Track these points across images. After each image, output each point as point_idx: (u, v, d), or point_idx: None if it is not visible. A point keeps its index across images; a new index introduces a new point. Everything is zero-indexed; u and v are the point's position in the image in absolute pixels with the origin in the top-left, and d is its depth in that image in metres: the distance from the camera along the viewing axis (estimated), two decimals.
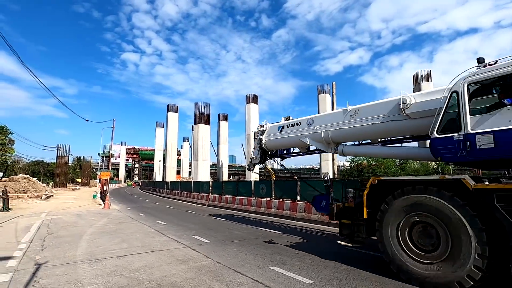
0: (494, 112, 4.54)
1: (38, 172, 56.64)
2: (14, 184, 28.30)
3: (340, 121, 7.91)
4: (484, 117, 4.63)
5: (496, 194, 4.10)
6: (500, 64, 4.64)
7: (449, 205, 4.46)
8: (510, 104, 4.41)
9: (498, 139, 4.40)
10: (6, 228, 10.74)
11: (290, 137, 9.45)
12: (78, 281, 4.89)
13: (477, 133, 4.61)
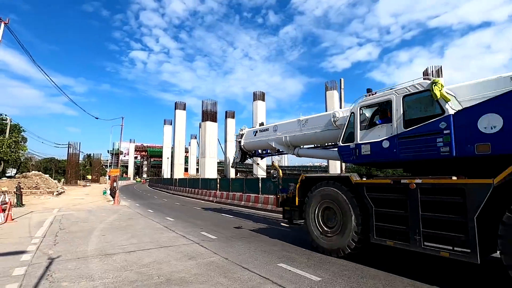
0: (371, 129, 6.32)
1: (50, 169, 57.84)
2: (27, 180, 29.00)
3: (295, 129, 9.65)
4: (366, 132, 6.40)
5: (366, 187, 5.93)
6: (377, 94, 6.47)
7: (342, 194, 6.37)
8: (380, 124, 6.16)
9: (372, 148, 6.18)
10: (20, 223, 11.04)
11: (261, 140, 11.15)
12: (89, 275, 4.99)
13: (362, 143, 6.39)
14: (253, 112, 44.10)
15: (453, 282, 4.85)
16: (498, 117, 4.46)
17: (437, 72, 31.17)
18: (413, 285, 4.64)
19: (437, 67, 31.49)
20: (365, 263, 5.81)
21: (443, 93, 5.21)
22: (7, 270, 5.25)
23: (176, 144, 51.87)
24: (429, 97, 5.43)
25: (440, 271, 5.38)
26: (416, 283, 4.69)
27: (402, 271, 5.28)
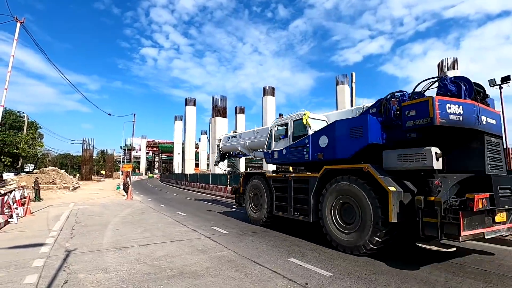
0: (278, 141, 9.29)
1: (65, 165, 59.66)
2: (44, 176, 29.96)
3: (251, 137, 12.14)
4: (276, 143, 9.37)
5: (272, 178, 9.11)
6: (283, 118, 9.34)
7: (261, 184, 9.58)
8: (282, 138, 9.08)
9: (278, 154, 9.07)
10: (39, 216, 11.44)
11: (232, 145, 13.55)
12: (104, 267, 5.14)
13: (274, 150, 9.29)
14: (263, 107, 43.97)
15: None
16: (326, 137, 7.36)
17: (453, 65, 30.19)
18: (427, 281, 4.57)
19: (453, 59, 30.50)
20: (378, 259, 5.75)
21: (308, 121, 8.07)
22: (27, 262, 5.47)
23: (186, 140, 52.39)
24: (302, 123, 8.20)
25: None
26: (429, 278, 4.62)
27: (414, 267, 5.21)
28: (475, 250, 6.55)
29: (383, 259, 5.69)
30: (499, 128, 6.32)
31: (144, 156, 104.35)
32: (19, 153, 32.07)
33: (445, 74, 29.00)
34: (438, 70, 31.71)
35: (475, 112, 5.66)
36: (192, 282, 4.45)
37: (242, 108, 50.99)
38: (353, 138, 6.63)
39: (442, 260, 5.70)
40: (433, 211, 4.90)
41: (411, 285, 4.41)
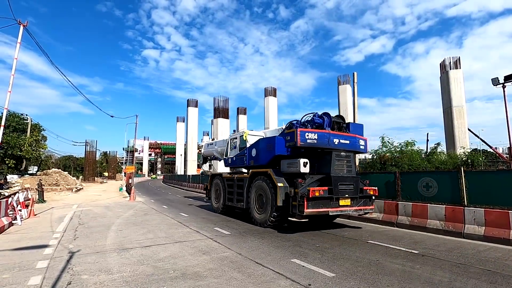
0: (231, 150, 12.33)
1: (68, 166, 59.83)
2: (47, 177, 30.14)
3: (222, 145, 14.40)
4: (230, 152, 12.38)
5: (225, 178, 12.47)
6: (235, 133, 12.50)
7: (220, 181, 12.82)
8: (234, 148, 12.13)
9: (231, 160, 12.06)
10: (42, 218, 11.50)
11: (210, 150, 16.22)
12: (108, 269, 5.16)
13: (229, 157, 12.29)
14: (265, 108, 44.01)
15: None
16: (255, 150, 10.28)
17: (455, 64, 30.07)
18: (431, 281, 4.54)
19: (455, 58, 30.37)
20: (382, 259, 5.73)
21: (247, 138, 11.26)
22: (31, 263, 5.50)
23: (189, 141, 52.52)
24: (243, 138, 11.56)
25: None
26: (433, 278, 4.59)
27: (419, 268, 5.19)
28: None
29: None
30: (352, 146, 9.40)
31: (147, 157, 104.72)
32: (23, 155, 32.28)
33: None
34: (440, 69, 31.57)
35: (327, 137, 8.81)
36: (195, 283, 4.45)
37: (244, 109, 51.05)
38: (268, 150, 9.63)
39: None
40: (295, 198, 8.10)
41: (414, 285, 4.39)
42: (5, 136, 30.66)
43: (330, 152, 8.93)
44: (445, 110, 30.52)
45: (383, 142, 21.50)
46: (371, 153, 23.30)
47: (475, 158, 17.46)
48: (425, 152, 24.25)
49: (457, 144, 27.52)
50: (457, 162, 17.65)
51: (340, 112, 36.03)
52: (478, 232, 7.69)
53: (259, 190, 9.74)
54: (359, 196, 8.95)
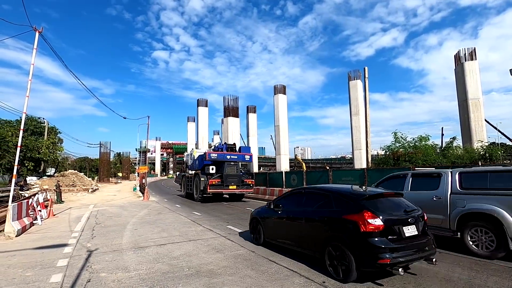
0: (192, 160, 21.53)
1: (84, 168, 61.44)
2: (64, 179, 31.06)
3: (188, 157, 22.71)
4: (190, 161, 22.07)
5: (187, 176, 21.59)
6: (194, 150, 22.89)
7: (186, 179, 21.71)
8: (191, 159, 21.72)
9: (190, 166, 21.58)
10: (61, 218, 11.87)
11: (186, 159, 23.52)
12: (125, 266, 5.28)
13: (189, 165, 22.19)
14: (274, 106, 43.82)
15: None
16: (197, 160, 19.62)
17: (470, 55, 29.08)
18: (449, 279, 4.43)
19: (470, 50, 29.37)
20: None
21: (194, 153, 20.69)
22: (52, 261, 5.69)
23: (199, 141, 52.90)
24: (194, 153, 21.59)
25: None
26: (452, 276, 4.48)
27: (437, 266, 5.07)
28: None
29: None
30: (239, 159, 18.51)
31: (159, 157, 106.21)
32: (41, 157, 33.34)
33: None
34: (455, 61, 30.63)
35: (223, 155, 17.90)
36: (210, 280, 4.50)
37: (254, 107, 50.94)
38: (201, 161, 18.71)
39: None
40: (206, 184, 16.99)
41: (432, 283, 4.30)
42: (24, 140, 31.74)
43: (224, 162, 17.89)
44: (461, 103, 29.58)
45: (396, 138, 21.07)
46: (383, 149, 22.90)
47: (493, 152, 16.87)
48: (440, 147, 23.65)
49: (474, 138, 26.66)
50: (474, 156, 17.11)
51: (351, 108, 35.45)
52: None
53: (196, 182, 18.37)
54: (241, 184, 17.84)
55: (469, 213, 5.84)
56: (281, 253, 6.03)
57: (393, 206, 4.78)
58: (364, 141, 26.37)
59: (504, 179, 5.69)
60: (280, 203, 6.36)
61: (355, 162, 34.59)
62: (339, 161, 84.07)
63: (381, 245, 4.13)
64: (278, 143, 43.67)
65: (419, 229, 4.60)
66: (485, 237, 5.62)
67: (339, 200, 4.94)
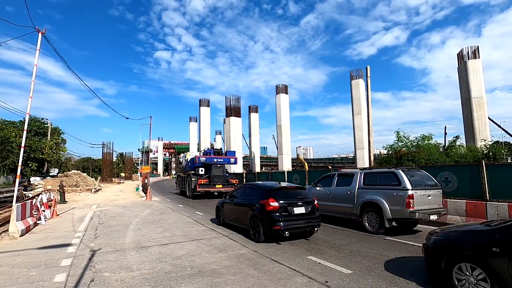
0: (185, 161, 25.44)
1: (87, 168, 61.70)
2: (68, 179, 31.22)
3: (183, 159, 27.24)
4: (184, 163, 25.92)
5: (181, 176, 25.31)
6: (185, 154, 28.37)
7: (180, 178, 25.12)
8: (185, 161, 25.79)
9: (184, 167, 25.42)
10: (65, 218, 11.95)
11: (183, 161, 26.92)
12: (128, 266, 5.31)
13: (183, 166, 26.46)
14: (276, 105, 43.83)
15: None
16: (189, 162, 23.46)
17: (474, 53, 28.91)
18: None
19: (473, 48, 29.19)
20: (400, 256, 5.62)
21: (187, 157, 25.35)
22: (56, 261, 5.73)
23: (201, 141, 52.99)
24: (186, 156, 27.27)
25: None
26: None
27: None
28: None
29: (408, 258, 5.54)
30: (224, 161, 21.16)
31: (161, 157, 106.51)
32: (44, 158, 33.57)
33: None
34: (458, 59, 30.46)
35: (210, 159, 20.60)
36: (212, 280, 4.52)
37: (256, 107, 50.97)
38: (192, 164, 21.42)
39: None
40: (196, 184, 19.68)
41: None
42: (27, 140, 31.98)
43: (212, 165, 20.36)
44: (464, 102, 29.41)
45: (398, 137, 20.97)
46: (386, 148, 22.82)
47: (497, 151, 16.74)
48: (443, 146, 23.52)
49: (477, 137, 26.49)
50: (478, 155, 17.00)
51: (353, 107, 35.39)
52: None
53: (188, 181, 21.04)
54: (226, 183, 20.25)
55: (365, 202, 8.16)
56: (283, 253, 6.03)
57: (291, 195, 7.33)
58: (367, 141, 26.31)
59: (384, 178, 8.00)
60: (233, 195, 9.07)
61: (358, 162, 34.51)
62: (342, 161, 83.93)
63: (277, 218, 6.73)
64: (280, 143, 43.71)
65: (307, 209, 7.13)
66: (373, 219, 7.92)
67: (260, 192, 7.58)
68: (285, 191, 7.43)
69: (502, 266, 3.22)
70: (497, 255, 3.27)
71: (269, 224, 6.78)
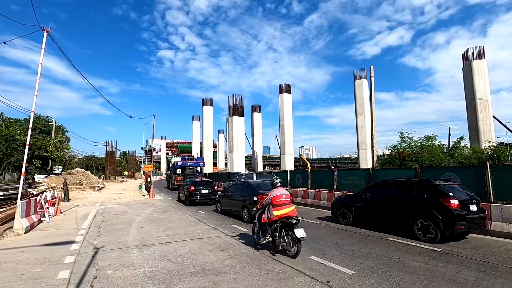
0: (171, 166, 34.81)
1: (90, 166, 62.00)
2: (71, 177, 31.42)
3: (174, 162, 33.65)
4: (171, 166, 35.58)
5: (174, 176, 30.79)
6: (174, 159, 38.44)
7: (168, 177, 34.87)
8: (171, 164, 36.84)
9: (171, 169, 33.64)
10: (68, 216, 12.04)
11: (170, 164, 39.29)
12: (130, 264, 5.34)
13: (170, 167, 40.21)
14: (279, 105, 43.77)
15: None
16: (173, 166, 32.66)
17: (479, 54, 28.65)
18: (456, 280, 4.39)
19: (479, 48, 28.93)
20: (403, 257, 5.60)
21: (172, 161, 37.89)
22: (60, 258, 5.78)
23: (204, 140, 53.09)
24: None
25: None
26: (458, 277, 4.44)
27: (443, 266, 5.03)
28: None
29: (410, 258, 5.51)
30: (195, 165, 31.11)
31: (164, 156, 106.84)
32: (49, 155, 33.82)
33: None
34: (463, 59, 30.21)
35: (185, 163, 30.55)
36: (214, 279, 4.53)
37: (259, 107, 50.92)
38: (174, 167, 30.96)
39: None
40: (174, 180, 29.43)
41: (438, 284, 4.26)
42: (32, 138, 32.22)
43: (186, 167, 29.68)
44: (468, 103, 29.17)
45: (402, 137, 20.86)
46: (389, 149, 22.71)
47: (501, 153, 16.60)
48: (447, 147, 23.35)
49: (482, 138, 26.27)
50: (482, 156, 16.86)
51: (356, 107, 35.25)
52: (506, 230, 7.36)
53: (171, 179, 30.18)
54: None
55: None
56: (285, 253, 6.03)
57: (201, 183, 16.28)
58: (370, 141, 26.18)
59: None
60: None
61: (361, 162, 34.37)
62: (344, 161, 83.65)
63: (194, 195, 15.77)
64: (283, 143, 43.65)
65: (210, 191, 16.16)
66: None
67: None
68: (200, 182, 16.34)
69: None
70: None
71: (190, 195, 15.53)
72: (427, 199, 7.29)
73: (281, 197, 6.02)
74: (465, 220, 6.67)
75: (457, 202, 6.85)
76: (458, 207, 6.79)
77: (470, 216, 6.79)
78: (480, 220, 7.08)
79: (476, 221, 6.93)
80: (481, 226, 7.27)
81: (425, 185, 7.61)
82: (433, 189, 7.36)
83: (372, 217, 8.70)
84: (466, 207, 6.95)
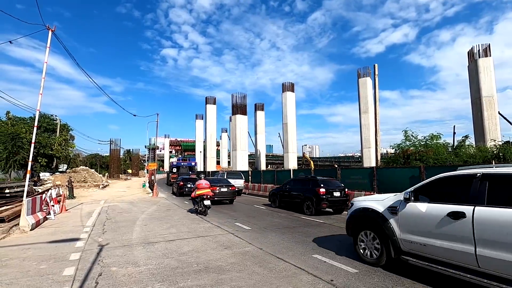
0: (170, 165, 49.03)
1: (95, 164, 62.47)
2: (76, 175, 31.71)
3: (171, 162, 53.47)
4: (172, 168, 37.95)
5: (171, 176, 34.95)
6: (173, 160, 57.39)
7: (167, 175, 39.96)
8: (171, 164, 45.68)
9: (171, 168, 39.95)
10: (73, 213, 12.15)
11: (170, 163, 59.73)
12: (135, 261, 5.38)
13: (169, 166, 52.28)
14: (282, 103, 43.66)
15: None
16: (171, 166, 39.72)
17: (485, 51, 28.31)
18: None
19: (484, 46, 28.58)
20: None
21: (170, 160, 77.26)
22: (65, 255, 5.85)
23: (207, 138, 53.22)
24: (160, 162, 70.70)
25: None
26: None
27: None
28: None
29: None
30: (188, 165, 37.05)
31: (168, 154, 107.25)
32: (54, 154, 34.10)
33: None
34: (468, 57, 29.88)
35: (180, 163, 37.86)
36: (218, 276, 4.55)
37: (262, 105, 50.88)
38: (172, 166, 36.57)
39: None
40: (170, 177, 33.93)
41: (441, 283, 4.24)
42: (37, 136, 32.51)
43: (180, 167, 34.98)
44: (474, 101, 28.87)
45: (406, 136, 20.72)
46: (393, 148, 22.58)
47: (507, 152, 16.42)
48: (452, 146, 23.16)
49: (487, 137, 26.00)
50: (487, 155, 16.70)
51: (360, 106, 35.08)
52: None
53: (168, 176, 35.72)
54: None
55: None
56: (289, 251, 6.04)
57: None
58: (374, 139, 26.04)
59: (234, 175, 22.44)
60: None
61: (364, 161, 34.23)
62: (348, 160, 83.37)
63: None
64: (286, 141, 43.59)
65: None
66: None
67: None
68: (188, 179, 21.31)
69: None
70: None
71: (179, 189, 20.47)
72: (311, 189, 11.37)
73: (201, 184, 11.35)
74: (328, 201, 10.84)
75: (323, 190, 10.86)
76: (324, 194, 10.81)
77: (332, 199, 10.98)
78: (342, 202, 11.28)
79: (337, 203, 11.10)
80: (344, 206, 11.30)
81: (312, 180, 11.88)
82: (314, 182, 11.49)
83: (287, 202, 13.02)
84: (331, 193, 11.01)
